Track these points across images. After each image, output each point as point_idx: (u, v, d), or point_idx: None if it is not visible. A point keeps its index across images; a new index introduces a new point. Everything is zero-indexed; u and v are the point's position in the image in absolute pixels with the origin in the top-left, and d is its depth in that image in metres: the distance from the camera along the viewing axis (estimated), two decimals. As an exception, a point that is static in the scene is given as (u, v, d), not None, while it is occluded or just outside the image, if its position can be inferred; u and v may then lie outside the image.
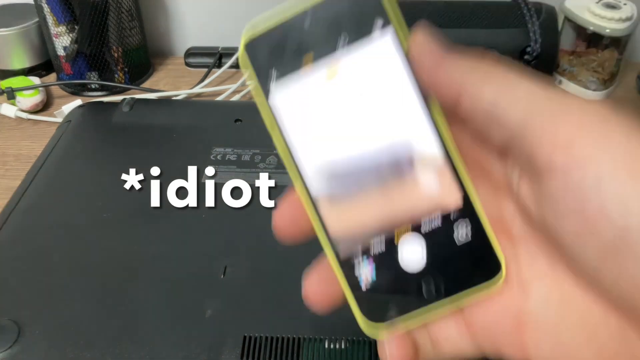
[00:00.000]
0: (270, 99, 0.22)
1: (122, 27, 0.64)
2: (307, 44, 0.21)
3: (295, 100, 0.22)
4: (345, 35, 0.21)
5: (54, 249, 0.37)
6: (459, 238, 0.22)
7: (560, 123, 0.17)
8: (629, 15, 0.59)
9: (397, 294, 0.23)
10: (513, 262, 0.22)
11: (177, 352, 0.30)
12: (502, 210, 0.22)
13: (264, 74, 0.22)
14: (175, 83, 0.69)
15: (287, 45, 0.22)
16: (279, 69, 0.22)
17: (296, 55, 0.21)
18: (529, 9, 0.60)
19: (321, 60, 0.21)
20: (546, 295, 0.21)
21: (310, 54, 0.21)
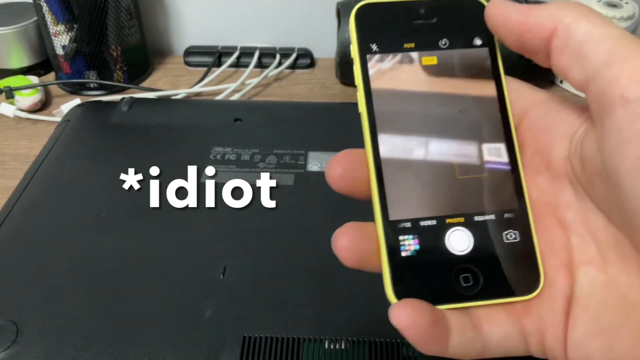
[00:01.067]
0: (364, 65, 0.24)
1: (121, 26, 0.64)
2: (412, 34, 0.24)
3: (386, 73, 0.24)
4: (448, 39, 0.24)
5: (52, 249, 0.37)
6: (506, 241, 0.23)
7: (638, 61, 0.19)
8: (630, 14, 0.59)
9: (432, 277, 0.23)
10: (565, 249, 0.23)
11: (176, 353, 0.30)
12: (559, 197, 0.23)
13: (365, 43, 0.24)
14: (174, 82, 0.69)
15: (395, 27, 0.24)
16: (380, 44, 0.24)
17: (400, 39, 0.24)
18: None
19: (420, 52, 0.24)
20: (592, 278, 0.21)
21: (412, 44, 0.24)
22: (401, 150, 0.24)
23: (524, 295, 0.22)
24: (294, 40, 0.72)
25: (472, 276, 0.23)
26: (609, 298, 0.21)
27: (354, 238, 0.23)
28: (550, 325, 0.22)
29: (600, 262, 0.21)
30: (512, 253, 0.23)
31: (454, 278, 0.23)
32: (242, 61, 0.70)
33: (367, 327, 0.31)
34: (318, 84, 0.68)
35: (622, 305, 0.21)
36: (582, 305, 0.21)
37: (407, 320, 0.21)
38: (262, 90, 0.67)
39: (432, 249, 0.23)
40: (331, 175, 0.23)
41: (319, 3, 0.70)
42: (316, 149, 0.45)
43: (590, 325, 0.21)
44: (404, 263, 0.23)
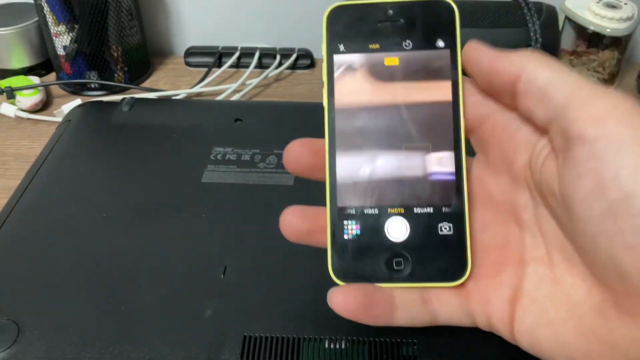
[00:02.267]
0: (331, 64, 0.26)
1: (121, 26, 0.64)
2: (378, 35, 0.26)
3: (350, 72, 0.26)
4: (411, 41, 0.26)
5: (53, 249, 0.37)
6: (440, 232, 0.25)
7: (596, 102, 0.21)
8: (629, 15, 0.59)
9: (370, 259, 0.25)
10: (518, 245, 0.25)
11: (177, 352, 0.30)
12: (518, 198, 0.25)
13: (333, 43, 0.26)
14: (175, 82, 0.69)
15: (362, 28, 0.26)
16: (347, 45, 0.26)
17: (365, 40, 0.26)
18: (530, 8, 0.60)
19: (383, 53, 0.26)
20: (540, 275, 0.24)
21: (377, 45, 0.26)
22: (355, 145, 0.26)
23: (449, 282, 0.25)
24: (294, 41, 0.72)
25: (403, 261, 0.25)
26: (555, 294, 0.24)
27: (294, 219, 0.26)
28: (496, 310, 0.25)
29: (548, 261, 0.24)
30: (444, 244, 0.25)
31: (388, 261, 0.25)
32: (242, 62, 0.70)
33: (367, 327, 0.31)
34: (318, 84, 0.68)
35: (567, 302, 0.23)
36: (531, 297, 0.24)
37: (340, 305, 0.25)
38: (262, 91, 0.67)
39: (371, 234, 0.25)
40: (287, 159, 0.27)
41: (319, 4, 0.70)
42: (316, 150, 0.45)
43: (538, 316, 0.24)
44: (345, 245, 0.25)
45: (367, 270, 0.25)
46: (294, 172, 0.27)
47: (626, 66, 0.67)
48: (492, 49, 0.25)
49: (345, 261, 0.25)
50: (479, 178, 0.27)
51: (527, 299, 0.24)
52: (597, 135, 0.20)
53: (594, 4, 0.61)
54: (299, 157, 0.26)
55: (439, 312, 0.25)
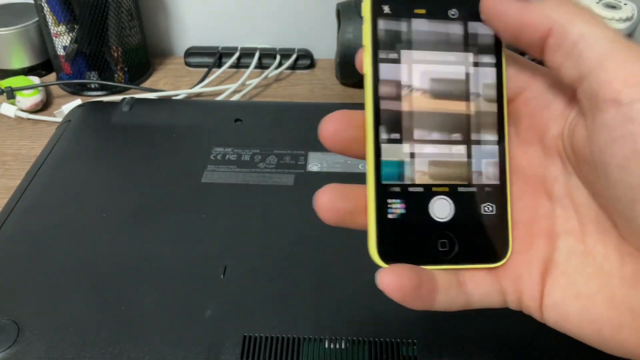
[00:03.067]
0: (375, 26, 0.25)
1: (121, 26, 0.64)
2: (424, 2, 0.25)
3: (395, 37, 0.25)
4: (457, 9, 0.25)
5: (53, 249, 0.37)
6: (484, 212, 0.25)
7: (634, 62, 0.20)
8: (629, 15, 0.59)
9: (415, 240, 0.25)
10: (548, 218, 0.25)
11: (177, 352, 0.30)
12: (548, 171, 0.25)
13: (377, 3, 0.25)
14: (175, 83, 0.69)
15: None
16: (392, 6, 0.25)
17: (412, 3, 0.25)
18: (529, 8, 0.60)
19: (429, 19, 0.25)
20: (571, 247, 0.24)
21: (423, 10, 0.25)
22: (398, 117, 0.25)
23: (491, 263, 0.25)
24: (294, 41, 0.72)
25: (448, 242, 0.25)
26: (586, 266, 0.23)
27: (333, 198, 0.24)
28: (527, 287, 0.24)
29: (580, 233, 0.24)
30: (487, 224, 0.25)
31: (433, 242, 0.25)
32: (242, 62, 0.70)
33: (367, 327, 0.32)
34: (318, 84, 0.68)
35: (598, 274, 0.23)
36: (561, 271, 0.24)
37: (391, 286, 0.23)
38: (262, 91, 0.67)
39: (416, 213, 0.25)
40: (324, 133, 0.24)
41: (319, 4, 0.70)
42: (316, 149, 0.45)
43: (568, 290, 0.23)
44: (389, 225, 0.24)
45: (413, 252, 0.24)
46: (332, 148, 0.24)
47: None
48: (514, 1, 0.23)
49: (390, 242, 0.24)
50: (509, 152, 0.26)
51: (556, 272, 0.24)
52: (633, 97, 0.19)
53: (594, 4, 0.61)
54: (338, 131, 0.24)
55: (474, 294, 0.25)
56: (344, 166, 0.44)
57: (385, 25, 0.25)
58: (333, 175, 0.43)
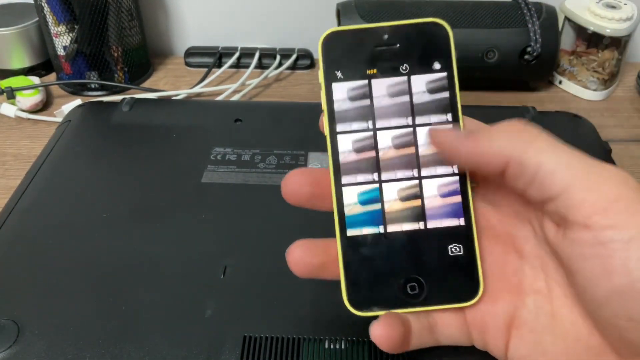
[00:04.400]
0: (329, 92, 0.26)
1: (122, 26, 0.64)
2: (375, 61, 0.25)
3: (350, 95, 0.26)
4: (408, 64, 0.25)
5: (53, 249, 0.37)
6: (451, 252, 0.25)
7: (599, 190, 0.20)
8: (629, 15, 0.59)
9: (385, 286, 0.25)
10: (517, 274, 0.25)
11: (177, 352, 0.30)
12: (519, 230, 0.25)
13: (330, 70, 0.26)
14: (175, 83, 0.69)
15: (359, 54, 0.25)
16: (344, 72, 0.26)
17: (363, 66, 0.25)
18: (529, 8, 0.60)
19: (381, 78, 0.25)
20: (540, 307, 0.24)
21: (374, 70, 0.25)
22: (360, 171, 0.25)
23: (463, 302, 0.25)
24: (294, 41, 0.72)
25: (417, 285, 0.25)
26: (554, 327, 0.24)
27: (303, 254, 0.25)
28: (493, 336, 0.25)
29: (547, 295, 0.24)
30: (455, 264, 0.25)
31: (402, 287, 0.25)
32: (242, 62, 0.70)
33: (367, 327, 0.31)
34: (318, 84, 0.68)
35: (564, 336, 0.23)
36: (529, 328, 0.24)
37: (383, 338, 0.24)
38: (262, 91, 0.67)
39: (382, 260, 0.25)
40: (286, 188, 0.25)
41: (319, 4, 0.70)
42: (316, 150, 0.45)
43: (535, 348, 0.24)
44: (358, 273, 0.25)
45: (383, 298, 0.25)
46: (294, 203, 0.26)
47: (625, 66, 0.67)
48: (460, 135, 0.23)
49: (360, 290, 0.25)
50: (479, 207, 0.26)
51: (524, 329, 0.24)
52: (603, 224, 0.20)
53: (593, 4, 0.61)
54: (299, 188, 0.25)
55: (443, 333, 0.25)
56: (344, 166, 0.44)
57: (339, 88, 0.26)
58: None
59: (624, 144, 0.57)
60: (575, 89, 0.65)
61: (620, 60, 0.63)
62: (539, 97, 0.65)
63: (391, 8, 0.60)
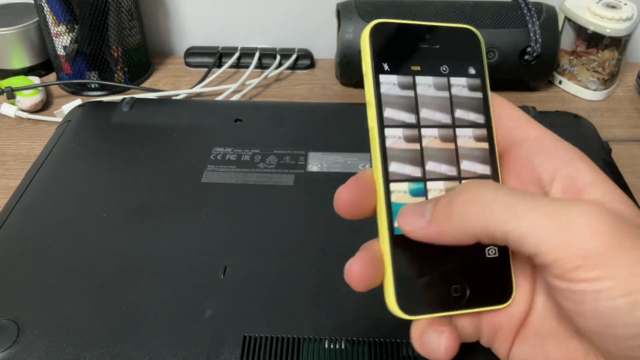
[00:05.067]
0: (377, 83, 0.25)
1: (121, 26, 0.64)
2: (419, 57, 0.26)
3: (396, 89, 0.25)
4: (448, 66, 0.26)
5: (53, 249, 0.37)
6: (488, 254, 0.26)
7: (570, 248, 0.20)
8: (629, 15, 0.59)
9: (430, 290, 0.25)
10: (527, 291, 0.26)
11: (177, 352, 0.30)
12: None
13: (379, 61, 0.25)
14: (175, 83, 0.69)
15: (405, 48, 0.26)
16: (391, 64, 0.25)
17: (408, 60, 0.26)
18: (529, 8, 0.60)
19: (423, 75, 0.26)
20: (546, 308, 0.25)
21: (418, 67, 0.26)
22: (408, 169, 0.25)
23: (500, 304, 0.25)
24: (294, 41, 0.72)
25: (461, 287, 0.25)
26: (558, 331, 0.24)
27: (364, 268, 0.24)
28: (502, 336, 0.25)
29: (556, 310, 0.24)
30: (492, 266, 0.26)
31: (447, 289, 0.25)
32: (242, 62, 0.70)
33: (367, 327, 0.32)
34: (318, 84, 0.68)
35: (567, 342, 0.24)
36: (534, 329, 0.25)
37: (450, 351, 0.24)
38: (262, 91, 0.67)
39: (429, 263, 0.25)
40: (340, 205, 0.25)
41: (319, 4, 0.70)
42: (316, 149, 0.45)
43: (537, 349, 0.24)
44: (406, 277, 0.25)
45: (430, 301, 0.25)
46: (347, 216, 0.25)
47: (625, 66, 0.67)
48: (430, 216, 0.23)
49: (408, 294, 0.25)
50: None
51: (529, 330, 0.25)
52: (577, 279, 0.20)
53: (593, 4, 0.61)
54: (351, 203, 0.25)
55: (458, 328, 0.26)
56: (343, 166, 0.44)
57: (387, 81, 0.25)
58: (333, 175, 0.43)
59: (624, 144, 0.57)
60: (575, 89, 0.65)
61: (620, 60, 0.63)
62: (539, 97, 0.65)
63: (391, 8, 0.60)
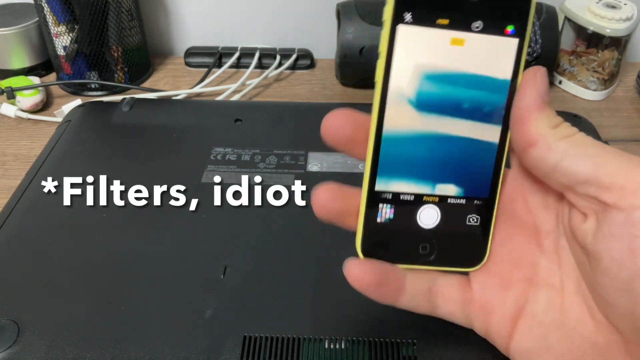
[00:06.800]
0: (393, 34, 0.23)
1: (122, 26, 0.64)
2: (448, 10, 0.23)
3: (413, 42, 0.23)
4: (482, 22, 0.23)
5: (53, 249, 0.37)
6: (469, 221, 0.26)
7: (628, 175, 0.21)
8: (629, 16, 0.59)
9: (398, 243, 0.26)
10: (533, 266, 0.26)
11: (177, 352, 0.30)
12: (544, 223, 0.26)
13: (400, 10, 0.23)
14: (175, 83, 0.69)
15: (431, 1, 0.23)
16: (414, 14, 0.23)
17: (435, 12, 0.23)
18: (529, 8, 0.60)
19: (452, 29, 0.23)
20: (551, 301, 0.25)
21: (446, 20, 0.23)
22: (402, 127, 0.24)
23: (466, 268, 0.26)
24: (294, 41, 0.72)
25: (429, 246, 0.26)
26: (562, 323, 0.24)
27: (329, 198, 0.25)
28: (496, 322, 0.25)
29: (560, 290, 0.25)
30: (469, 233, 0.26)
31: (415, 246, 0.26)
32: (242, 62, 0.70)
33: (367, 327, 0.32)
34: (318, 84, 0.68)
35: (572, 334, 0.24)
36: (538, 321, 0.25)
37: (355, 277, 0.25)
38: (262, 91, 0.67)
39: (403, 220, 0.25)
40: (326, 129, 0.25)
41: (319, 4, 0.70)
42: (316, 149, 0.45)
43: (541, 341, 0.24)
44: (377, 227, 0.25)
45: (393, 252, 0.26)
46: (331, 146, 0.25)
47: (625, 66, 0.67)
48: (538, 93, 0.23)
49: (374, 242, 0.25)
50: (509, 193, 0.26)
51: (532, 322, 0.25)
52: (634, 204, 0.21)
53: (593, 4, 0.61)
54: (340, 129, 0.24)
55: (441, 307, 0.26)
56: (343, 166, 0.44)
57: (404, 32, 0.23)
58: (333, 175, 0.43)
59: (624, 144, 0.57)
60: (575, 89, 0.65)
61: (620, 60, 0.63)
62: (539, 97, 0.65)
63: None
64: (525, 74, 0.24)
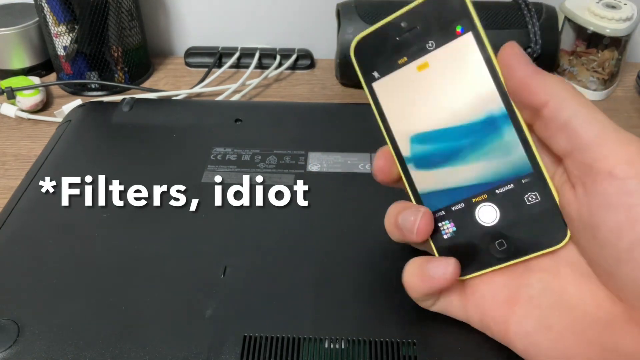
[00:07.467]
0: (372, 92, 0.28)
1: (122, 26, 0.64)
2: (402, 49, 0.27)
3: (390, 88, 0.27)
4: (433, 39, 0.26)
5: (53, 249, 0.37)
6: (529, 203, 0.26)
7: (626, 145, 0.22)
8: (629, 16, 0.59)
9: (474, 249, 0.26)
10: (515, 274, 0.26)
11: (177, 352, 0.30)
12: None
13: (367, 73, 0.28)
14: (175, 83, 0.69)
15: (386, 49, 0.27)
16: (379, 70, 0.27)
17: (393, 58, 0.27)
18: (529, 9, 0.60)
19: (413, 61, 0.27)
20: (546, 283, 0.25)
21: (404, 58, 0.27)
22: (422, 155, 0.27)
23: (554, 246, 0.25)
24: (294, 41, 0.72)
25: (505, 241, 0.26)
26: (560, 303, 0.24)
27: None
28: (490, 307, 0.26)
29: (555, 272, 0.25)
30: (535, 212, 0.26)
31: (491, 246, 0.26)
32: (242, 62, 0.70)
33: (367, 327, 0.32)
34: (318, 84, 0.68)
35: (571, 312, 0.24)
36: (535, 304, 0.25)
37: None
38: (262, 91, 0.67)
39: (467, 225, 0.26)
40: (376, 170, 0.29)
41: (319, 4, 0.70)
42: (316, 149, 0.45)
43: (540, 322, 0.25)
44: (447, 244, 0.27)
45: (474, 260, 0.26)
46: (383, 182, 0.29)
47: (625, 66, 0.67)
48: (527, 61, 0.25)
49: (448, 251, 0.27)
50: None
51: (530, 304, 0.25)
52: (629, 173, 0.21)
53: (593, 4, 0.61)
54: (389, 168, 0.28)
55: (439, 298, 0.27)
56: (343, 166, 0.44)
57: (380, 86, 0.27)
58: (333, 175, 0.43)
59: (624, 144, 0.57)
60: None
61: (620, 60, 0.63)
62: (539, 97, 0.65)
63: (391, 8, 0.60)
64: (501, 53, 0.25)
